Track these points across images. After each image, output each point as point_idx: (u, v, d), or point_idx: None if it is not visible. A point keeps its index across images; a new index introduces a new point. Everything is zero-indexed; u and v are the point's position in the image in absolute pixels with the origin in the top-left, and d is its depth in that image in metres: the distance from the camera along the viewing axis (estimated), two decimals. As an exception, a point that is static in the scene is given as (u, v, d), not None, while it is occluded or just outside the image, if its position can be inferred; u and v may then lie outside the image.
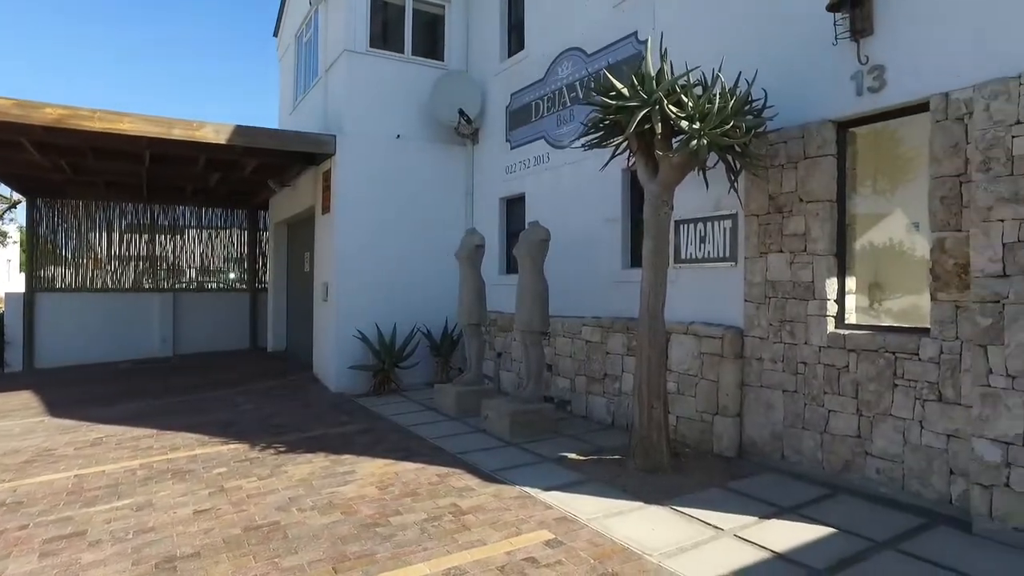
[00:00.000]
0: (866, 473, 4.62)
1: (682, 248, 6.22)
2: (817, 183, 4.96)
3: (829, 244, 4.91)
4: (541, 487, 4.85)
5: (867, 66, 4.69)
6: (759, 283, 5.36)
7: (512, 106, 9.18)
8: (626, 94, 4.90)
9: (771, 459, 5.27)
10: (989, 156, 3.86)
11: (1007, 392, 3.73)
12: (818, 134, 4.96)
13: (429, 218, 9.67)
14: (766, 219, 5.32)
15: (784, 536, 3.90)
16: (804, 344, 5.01)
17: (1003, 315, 3.76)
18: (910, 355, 4.34)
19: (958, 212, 4.11)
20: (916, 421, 4.32)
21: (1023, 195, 3.70)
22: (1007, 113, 3.80)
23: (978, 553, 3.66)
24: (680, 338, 5.98)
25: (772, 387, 5.25)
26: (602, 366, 6.97)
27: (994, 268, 3.81)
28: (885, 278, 5.18)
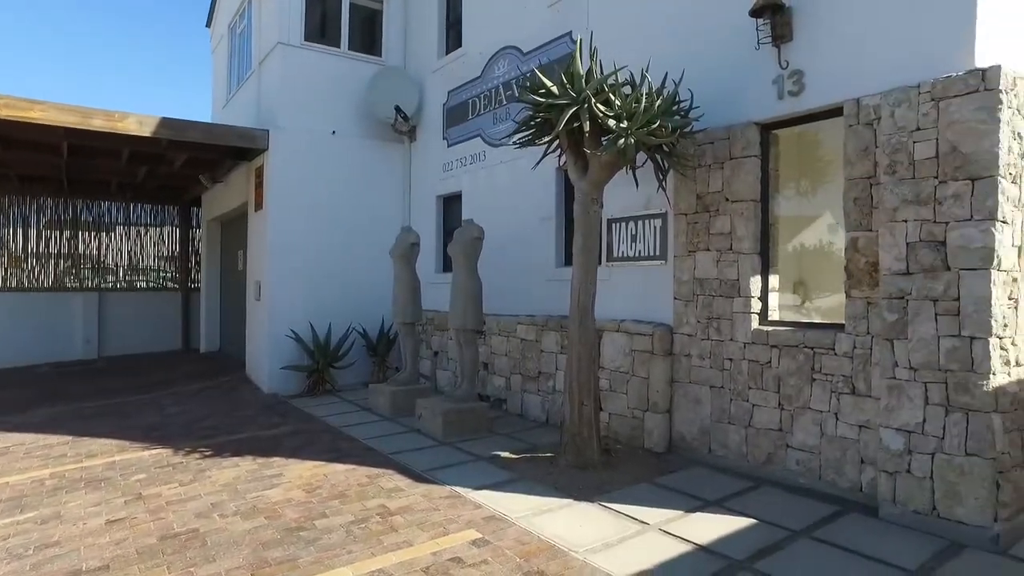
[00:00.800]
0: (787, 465, 4.77)
1: (615, 246, 6.30)
2: (742, 183, 5.09)
3: (753, 243, 5.05)
4: (472, 486, 4.82)
5: (787, 71, 4.84)
6: (688, 281, 5.47)
7: (449, 104, 9.12)
8: (556, 92, 4.92)
9: (699, 454, 5.39)
10: (894, 160, 4.03)
11: (909, 384, 3.91)
12: (742, 136, 5.09)
13: (366, 216, 9.53)
14: (694, 218, 5.43)
15: (707, 529, 3.99)
16: (730, 341, 5.14)
17: (907, 311, 3.94)
18: (827, 350, 4.50)
19: (869, 213, 4.28)
20: (832, 413, 4.48)
21: (924, 197, 3.88)
22: (909, 120, 3.98)
23: (882, 536, 3.83)
24: (612, 336, 6.05)
25: (700, 383, 5.37)
26: (537, 364, 7.00)
27: (899, 266, 3.98)
28: (809, 276, 5.37)
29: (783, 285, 5.30)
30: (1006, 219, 3.70)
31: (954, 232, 3.75)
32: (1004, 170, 3.66)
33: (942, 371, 3.78)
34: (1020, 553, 3.63)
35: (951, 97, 3.81)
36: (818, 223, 5.25)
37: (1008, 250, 3.73)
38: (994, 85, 3.67)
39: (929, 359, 3.84)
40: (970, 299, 3.67)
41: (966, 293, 3.69)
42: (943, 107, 3.84)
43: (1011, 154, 3.72)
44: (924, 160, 3.90)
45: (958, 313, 3.72)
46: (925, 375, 3.86)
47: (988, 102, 3.67)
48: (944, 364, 3.77)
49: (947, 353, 3.76)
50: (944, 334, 3.78)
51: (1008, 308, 3.73)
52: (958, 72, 3.84)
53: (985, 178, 3.65)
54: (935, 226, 3.84)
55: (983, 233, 3.63)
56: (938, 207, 3.82)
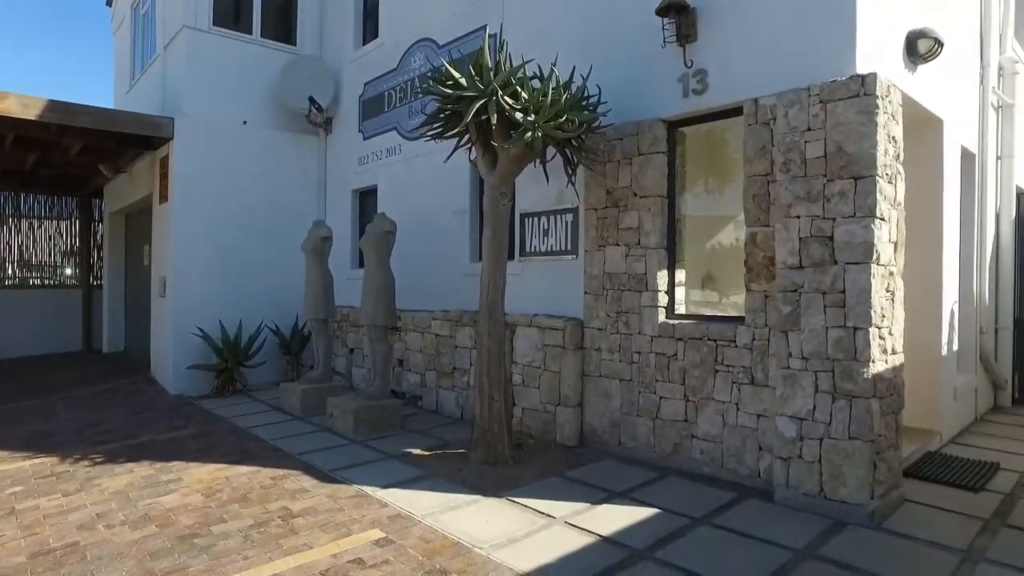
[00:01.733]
0: (692, 454, 4.89)
1: (527, 241, 6.31)
2: (650, 179, 5.18)
3: (660, 238, 5.15)
4: (379, 485, 4.72)
5: (692, 70, 4.95)
6: (598, 275, 5.54)
7: (365, 96, 8.92)
8: (464, 84, 4.86)
9: (609, 446, 5.47)
10: (788, 158, 4.19)
11: (802, 373, 4.08)
12: (650, 132, 5.18)
13: (279, 210, 9.21)
14: (604, 213, 5.49)
15: (612, 520, 4.04)
16: (638, 334, 5.23)
17: (800, 303, 4.11)
18: (728, 342, 4.64)
19: (766, 209, 4.44)
20: (733, 403, 4.63)
21: (815, 194, 4.05)
22: (801, 120, 4.14)
23: (775, 519, 3.99)
24: (525, 330, 6.06)
25: (610, 376, 5.44)
26: (451, 360, 6.94)
27: (793, 260, 4.15)
28: (717, 271, 5.52)
29: (692, 280, 5.44)
30: (884, 217, 3.91)
31: (840, 228, 3.93)
32: (881, 171, 3.87)
33: (830, 360, 3.97)
34: (891, 526, 3.88)
35: (836, 100, 3.99)
36: (725, 219, 5.41)
37: (886, 245, 3.95)
38: (872, 91, 3.86)
39: (818, 349, 4.01)
40: (854, 291, 3.86)
41: (850, 286, 3.88)
42: (830, 109, 4.01)
43: (887, 156, 3.94)
44: (814, 159, 4.07)
45: (843, 305, 3.91)
46: (815, 364, 4.03)
47: (867, 106, 3.86)
48: (831, 354, 3.96)
49: (834, 343, 3.95)
50: (832, 325, 3.96)
51: (886, 300, 3.95)
52: (842, 77, 4.02)
53: (866, 177, 3.84)
54: (824, 222, 4.01)
55: (864, 229, 3.83)
56: (827, 204, 4.00)
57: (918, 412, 5.43)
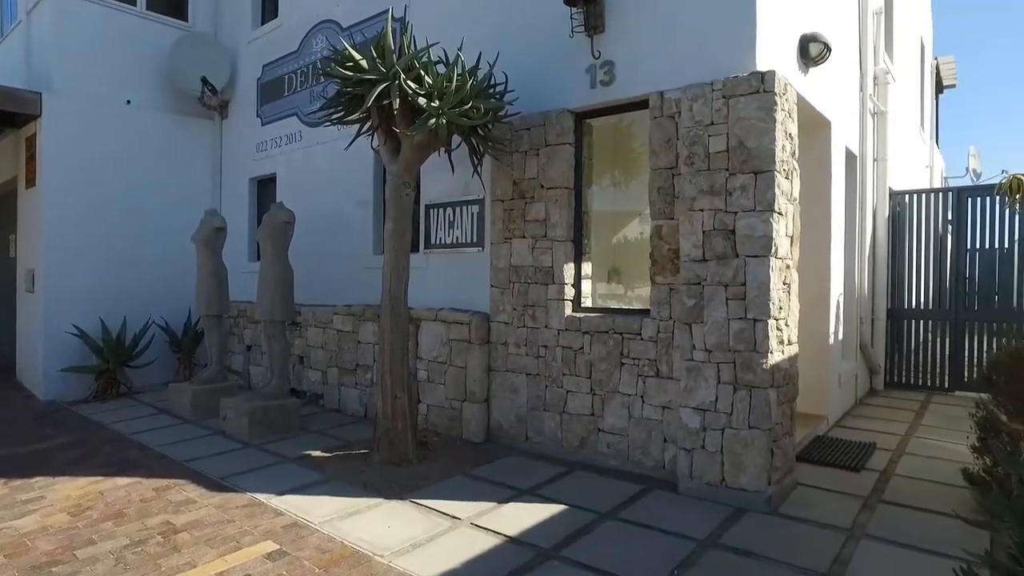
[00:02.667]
0: (599, 448, 4.89)
1: (432, 233, 6.13)
2: (557, 170, 5.12)
3: (567, 230, 5.10)
4: (275, 492, 4.43)
5: (599, 61, 4.92)
6: (504, 268, 5.44)
7: (264, 79, 8.41)
8: (365, 67, 4.61)
9: (517, 442, 5.39)
10: (692, 152, 4.23)
11: (705, 365, 4.14)
12: (557, 123, 5.12)
13: (170, 198, 8.56)
14: (510, 204, 5.39)
15: (519, 519, 3.95)
16: (545, 328, 5.17)
17: (703, 296, 4.17)
18: (634, 335, 4.66)
19: (671, 202, 4.47)
20: (639, 396, 4.65)
21: (718, 188, 4.11)
22: (704, 115, 4.19)
23: (679, 510, 4.04)
24: (430, 325, 5.88)
25: (517, 371, 5.36)
26: (354, 356, 6.66)
27: (696, 253, 4.20)
28: (624, 264, 5.55)
29: (599, 273, 5.44)
30: (782, 211, 4.02)
31: (741, 221, 4.01)
32: (780, 166, 3.97)
33: (731, 352, 4.04)
34: (786, 510, 4.02)
35: (738, 96, 4.06)
36: (632, 213, 5.44)
37: (783, 239, 4.07)
38: (771, 88, 3.95)
39: (721, 341, 4.08)
40: (754, 284, 3.95)
41: (751, 279, 3.96)
42: (732, 104, 4.08)
43: (784, 152, 4.05)
44: (717, 153, 4.13)
45: (744, 297, 3.99)
46: (718, 356, 4.10)
47: (766, 103, 3.95)
48: (733, 345, 4.03)
49: (735, 335, 4.03)
50: (733, 317, 4.04)
51: (783, 292, 4.07)
52: (743, 73, 4.10)
53: (765, 172, 3.93)
54: (726, 215, 4.08)
55: (764, 223, 3.92)
56: (729, 197, 4.07)
57: (808, 398, 5.69)
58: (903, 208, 8.17)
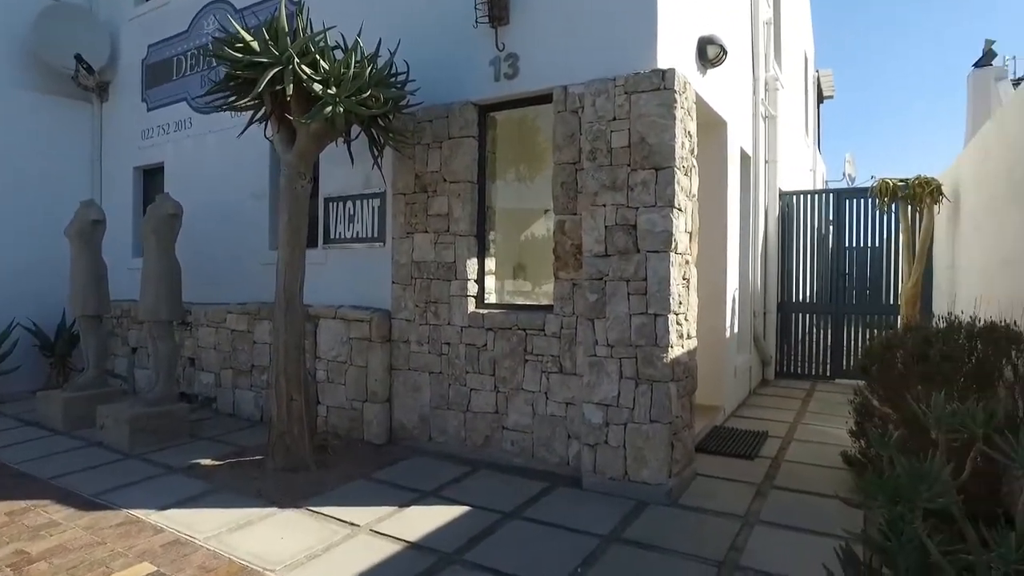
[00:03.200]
0: (503, 446, 4.82)
1: (332, 227, 5.85)
2: (460, 164, 5.00)
3: (470, 225, 4.99)
4: (156, 507, 4.05)
5: (503, 53, 4.84)
6: (406, 264, 5.26)
7: (150, 59, 7.77)
8: (256, 49, 4.30)
9: (420, 442, 5.24)
10: (595, 147, 4.23)
11: (607, 360, 4.15)
12: (461, 115, 4.99)
13: (39, 187, 7.76)
14: (413, 198, 5.22)
15: (421, 523, 3.80)
16: (448, 325, 5.04)
17: (605, 291, 4.17)
18: (537, 331, 4.62)
19: (574, 197, 4.45)
20: (543, 393, 4.61)
21: (619, 183, 4.12)
22: (607, 110, 4.19)
23: (584, 507, 4.02)
24: (329, 323, 5.62)
25: (419, 369, 5.20)
26: (249, 357, 6.28)
27: (599, 248, 4.20)
28: (530, 260, 5.50)
29: (505, 269, 5.37)
30: (681, 207, 4.08)
31: (642, 217, 4.04)
32: (679, 163, 4.03)
33: (633, 347, 4.07)
34: (686, 501, 4.10)
35: (640, 92, 4.09)
36: (539, 208, 5.39)
37: (683, 235, 4.14)
38: (671, 85, 4.00)
39: (623, 336, 4.10)
40: (655, 279, 3.99)
41: (651, 274, 4.00)
42: (634, 100, 4.10)
43: (684, 149, 4.12)
44: (619, 148, 4.14)
45: (645, 292, 4.03)
46: (620, 351, 4.12)
47: (667, 100, 4.00)
48: (634, 340, 4.06)
49: (637, 330, 4.05)
50: (635, 312, 4.06)
51: (683, 287, 4.14)
52: (644, 70, 4.13)
53: (665, 168, 3.98)
54: (628, 211, 4.10)
55: (664, 218, 3.96)
56: (630, 193, 4.09)
57: (706, 390, 5.87)
58: (791, 208, 8.63)
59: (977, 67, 12.39)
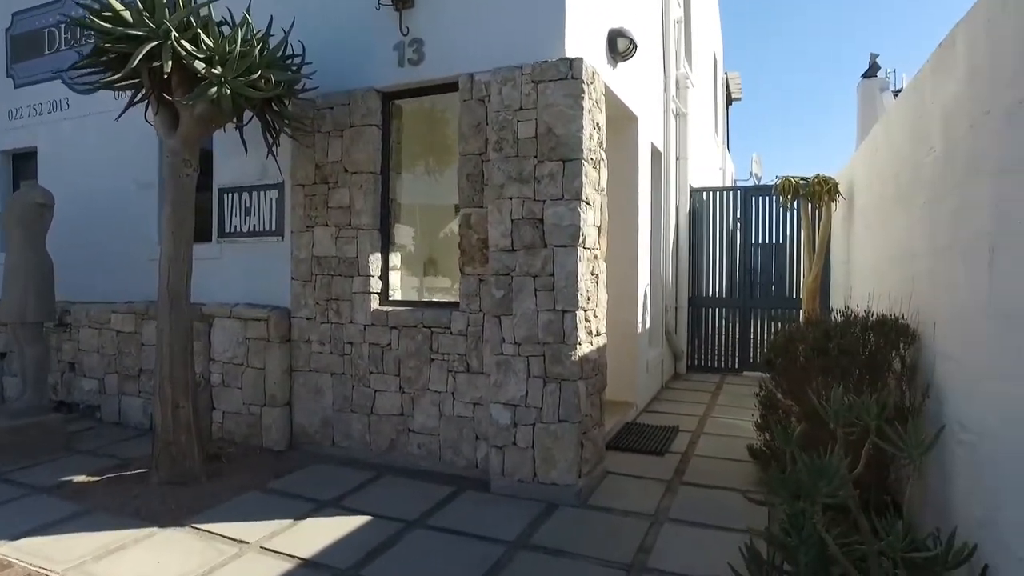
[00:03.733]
0: (409, 449, 4.61)
1: (227, 220, 5.45)
2: (362, 153, 4.74)
3: (373, 218, 4.74)
4: (8, 536, 3.58)
5: (408, 38, 4.61)
6: (306, 259, 4.95)
7: (15, 30, 7.03)
8: (129, 20, 3.90)
9: (323, 447, 4.95)
10: (501, 137, 4.08)
11: (515, 359, 4.01)
12: (363, 102, 4.73)
13: None
14: (312, 190, 4.92)
15: (317, 537, 3.54)
16: (350, 323, 4.78)
17: (512, 287, 4.03)
18: (443, 329, 4.43)
19: (480, 189, 4.29)
20: (449, 393, 4.43)
21: (526, 175, 3.99)
22: (514, 99, 4.05)
23: (491, 511, 3.87)
24: (224, 322, 5.23)
25: (321, 371, 4.91)
26: (137, 360, 5.78)
27: (505, 243, 4.05)
28: (438, 255, 5.29)
29: (416, 265, 5.15)
30: (589, 200, 3.99)
31: (549, 210, 3.92)
32: (587, 155, 3.93)
33: (541, 344, 3.95)
34: (596, 501, 4.01)
35: (547, 81, 3.96)
36: (447, 201, 5.19)
37: (591, 229, 4.05)
38: (579, 75, 3.90)
39: (530, 333, 3.97)
40: (562, 274, 3.88)
41: (559, 269, 3.89)
42: (541, 90, 3.97)
43: (592, 140, 4.03)
44: (526, 139, 4.00)
45: (553, 288, 3.91)
46: (527, 349, 3.99)
47: (574, 90, 3.89)
48: (542, 338, 3.94)
49: (544, 327, 3.93)
50: (542, 308, 3.94)
51: (591, 283, 4.05)
52: (552, 59, 4.01)
53: (573, 160, 3.87)
54: (535, 204, 3.97)
55: (572, 212, 3.86)
56: (537, 185, 3.96)
57: (618, 386, 5.85)
58: (701, 205, 8.80)
59: (865, 78, 13.26)
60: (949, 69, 3.02)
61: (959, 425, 2.72)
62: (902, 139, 3.93)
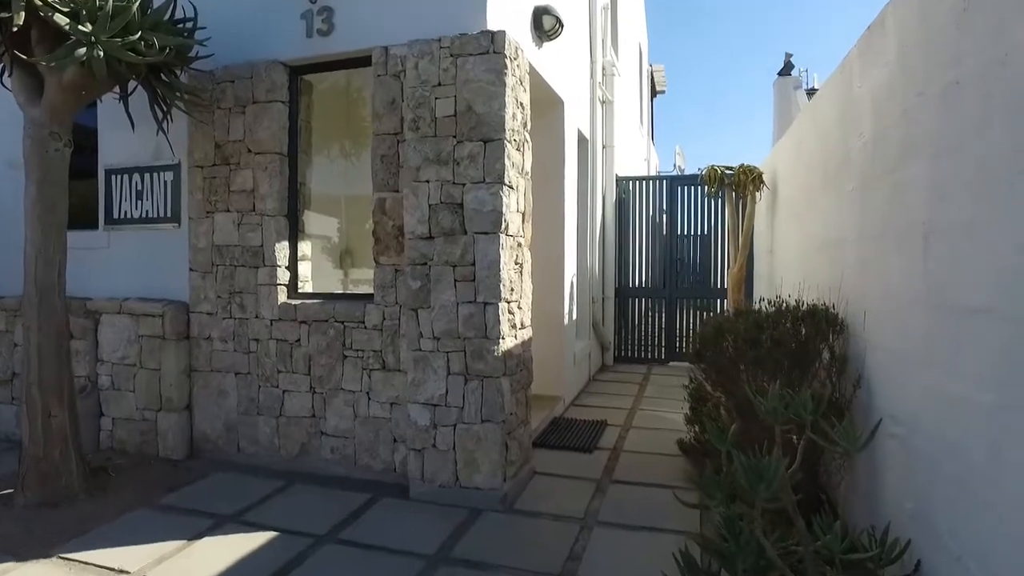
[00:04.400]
0: (322, 454, 4.25)
1: (115, 205, 4.90)
2: (266, 132, 4.32)
3: (280, 203, 4.34)
4: None
5: (316, 6, 4.22)
6: (205, 248, 4.50)
7: None
8: (-24, -32, 3.35)
9: (227, 454, 4.52)
10: (418, 115, 3.76)
11: (434, 355, 3.72)
12: (267, 76, 4.31)
13: None
14: (212, 171, 4.46)
15: (211, 560, 3.15)
16: (255, 318, 4.37)
17: (430, 277, 3.73)
18: (357, 323, 4.09)
19: (396, 172, 3.97)
20: (364, 392, 4.10)
21: (444, 156, 3.69)
22: (432, 74, 3.73)
23: (410, 520, 3.57)
24: (113, 319, 4.70)
25: (224, 370, 4.48)
26: (8, 362, 5.14)
27: (422, 230, 3.74)
28: (356, 244, 4.93)
29: (339, 256, 4.77)
30: (512, 184, 3.73)
31: (470, 195, 3.63)
32: (510, 135, 3.67)
33: (461, 339, 3.67)
34: (522, 505, 3.76)
35: (467, 55, 3.67)
36: (360, 185, 4.83)
37: (514, 215, 3.79)
38: (501, 49, 3.63)
39: (450, 327, 3.69)
40: (484, 264, 3.61)
41: (480, 258, 3.61)
42: (460, 64, 3.67)
43: (515, 121, 3.77)
44: (444, 118, 3.70)
45: (474, 279, 3.64)
46: (447, 344, 3.70)
47: (496, 65, 3.61)
48: (463, 332, 3.66)
49: (465, 320, 3.66)
50: (462, 300, 3.66)
51: (515, 272, 3.81)
52: (472, 31, 3.72)
53: (495, 141, 3.60)
54: (454, 187, 3.68)
55: (493, 196, 3.59)
56: (456, 168, 3.67)
57: (545, 380, 5.66)
58: (628, 194, 8.72)
59: (780, 76, 13.70)
60: (879, 52, 2.92)
61: (890, 418, 2.63)
62: (830, 125, 3.86)
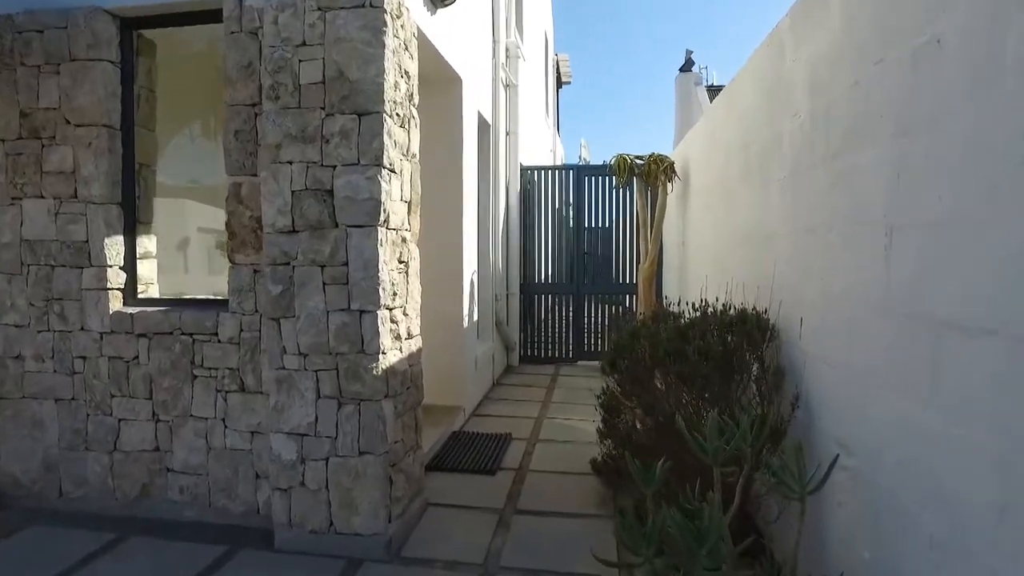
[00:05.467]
0: (168, 495, 3.49)
1: None
2: (90, 99, 3.47)
3: (110, 189, 3.51)
4: None
5: (153, -54, 3.41)
6: (11, 243, 3.58)
7: None
8: None
9: (47, 500, 3.65)
10: (277, 82, 3.06)
11: (300, 374, 3.05)
12: (88, 27, 3.46)
13: None
14: (18, 147, 3.55)
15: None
16: (81, 330, 3.52)
17: (294, 280, 3.05)
18: (209, 336, 3.36)
19: (253, 152, 3.25)
20: (219, 419, 3.38)
21: (311, 133, 3.01)
22: (295, 31, 3.04)
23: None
24: None
25: (40, 396, 3.60)
26: None
27: (284, 222, 3.05)
28: (218, 240, 4.14)
29: (196, 254, 3.98)
30: (395, 168, 3.11)
31: (341, 179, 2.98)
32: (391, 108, 3.05)
33: (333, 355, 3.02)
34: (411, 550, 3.15)
35: (338, 8, 2.99)
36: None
37: (397, 204, 3.17)
38: (380, 3, 2.98)
39: (319, 340, 3.03)
40: (359, 263, 2.97)
41: (354, 256, 2.97)
42: (330, 19, 3.00)
43: (398, 91, 3.14)
44: (311, 85, 3.02)
45: (347, 281, 2.99)
46: (316, 362, 3.04)
47: (374, 21, 2.97)
48: (334, 346, 3.01)
49: (337, 332, 3.00)
50: (333, 308, 3.00)
51: (398, 273, 3.19)
52: (345, -19, 3.06)
53: (372, 114, 2.96)
54: (322, 170, 3.01)
55: (370, 181, 2.95)
56: (325, 147, 3.00)
57: (442, 390, 5.09)
58: (533, 185, 8.25)
59: (681, 72, 13.81)
60: (820, 19, 2.54)
61: (838, 445, 2.24)
62: (754, 107, 3.49)
